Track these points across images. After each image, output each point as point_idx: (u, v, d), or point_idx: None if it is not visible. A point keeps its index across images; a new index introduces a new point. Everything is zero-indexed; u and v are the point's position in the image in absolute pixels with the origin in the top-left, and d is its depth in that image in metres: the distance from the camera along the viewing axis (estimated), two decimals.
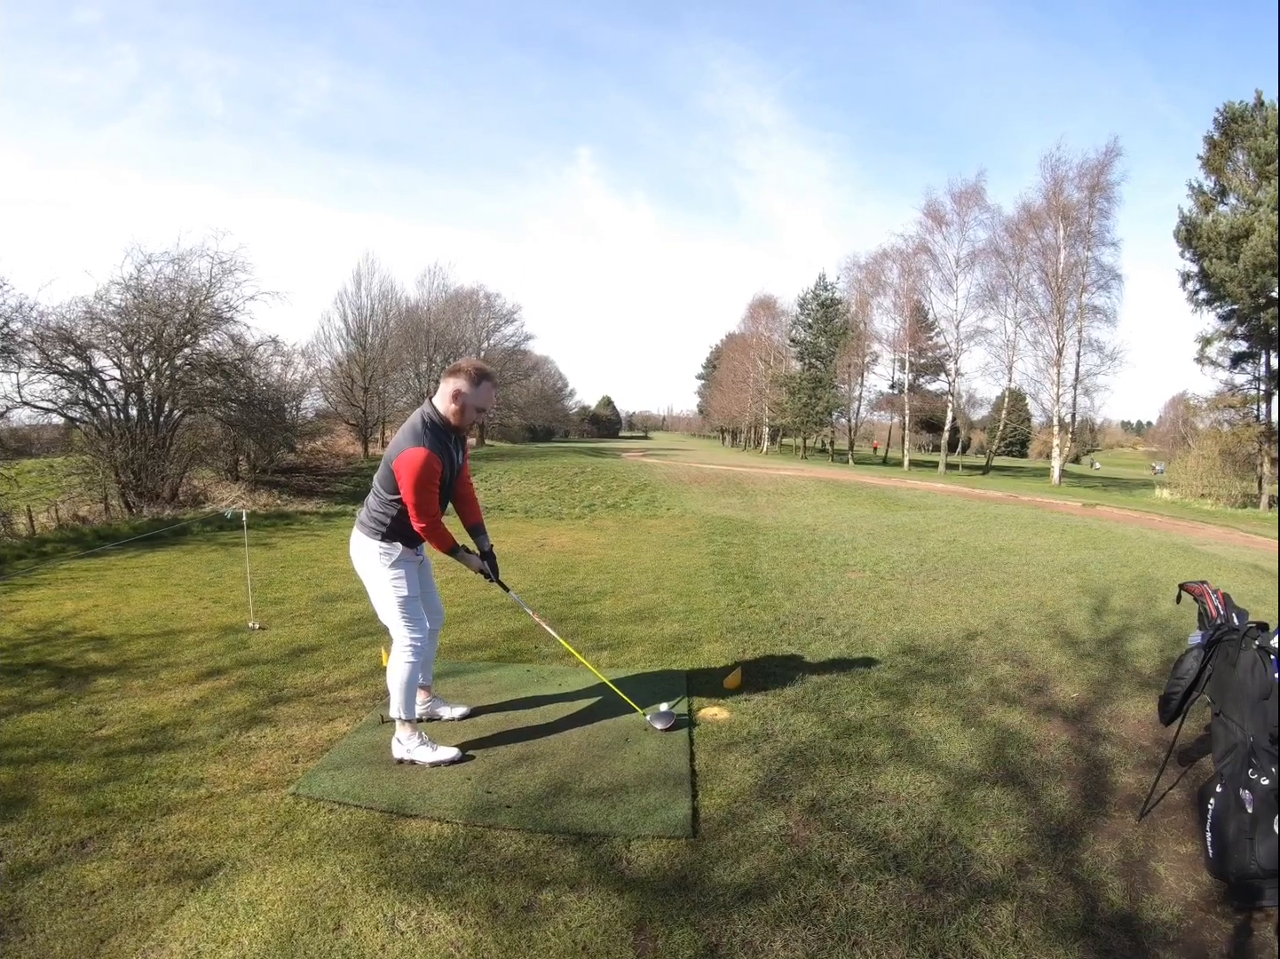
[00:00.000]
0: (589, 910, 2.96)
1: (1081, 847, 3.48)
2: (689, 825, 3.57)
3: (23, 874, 3.18)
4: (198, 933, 2.83)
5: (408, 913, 2.94)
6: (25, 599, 8.06)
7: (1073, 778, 4.15)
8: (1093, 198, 38.52)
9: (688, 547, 12.04)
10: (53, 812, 3.68)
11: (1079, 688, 5.52)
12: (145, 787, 3.93)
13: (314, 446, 33.51)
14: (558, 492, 22.39)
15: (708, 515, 16.82)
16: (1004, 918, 2.95)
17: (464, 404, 4.23)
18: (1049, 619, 7.32)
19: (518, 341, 58.10)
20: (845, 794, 3.90)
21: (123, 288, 19.29)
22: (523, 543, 12.47)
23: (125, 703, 5.10)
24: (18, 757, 4.27)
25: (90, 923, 2.88)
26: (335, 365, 42.04)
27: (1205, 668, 3.82)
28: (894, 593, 8.39)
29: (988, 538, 12.98)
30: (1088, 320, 39.60)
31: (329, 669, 5.77)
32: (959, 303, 45.96)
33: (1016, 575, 9.46)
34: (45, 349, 17.70)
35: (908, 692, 5.36)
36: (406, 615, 4.37)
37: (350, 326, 42.71)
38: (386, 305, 44.73)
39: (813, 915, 2.95)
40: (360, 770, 4.10)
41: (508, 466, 27.89)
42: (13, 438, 19.90)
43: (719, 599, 8.03)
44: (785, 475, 30.02)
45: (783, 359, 63.85)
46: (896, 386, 52.75)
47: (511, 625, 6.96)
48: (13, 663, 5.91)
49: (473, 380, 4.21)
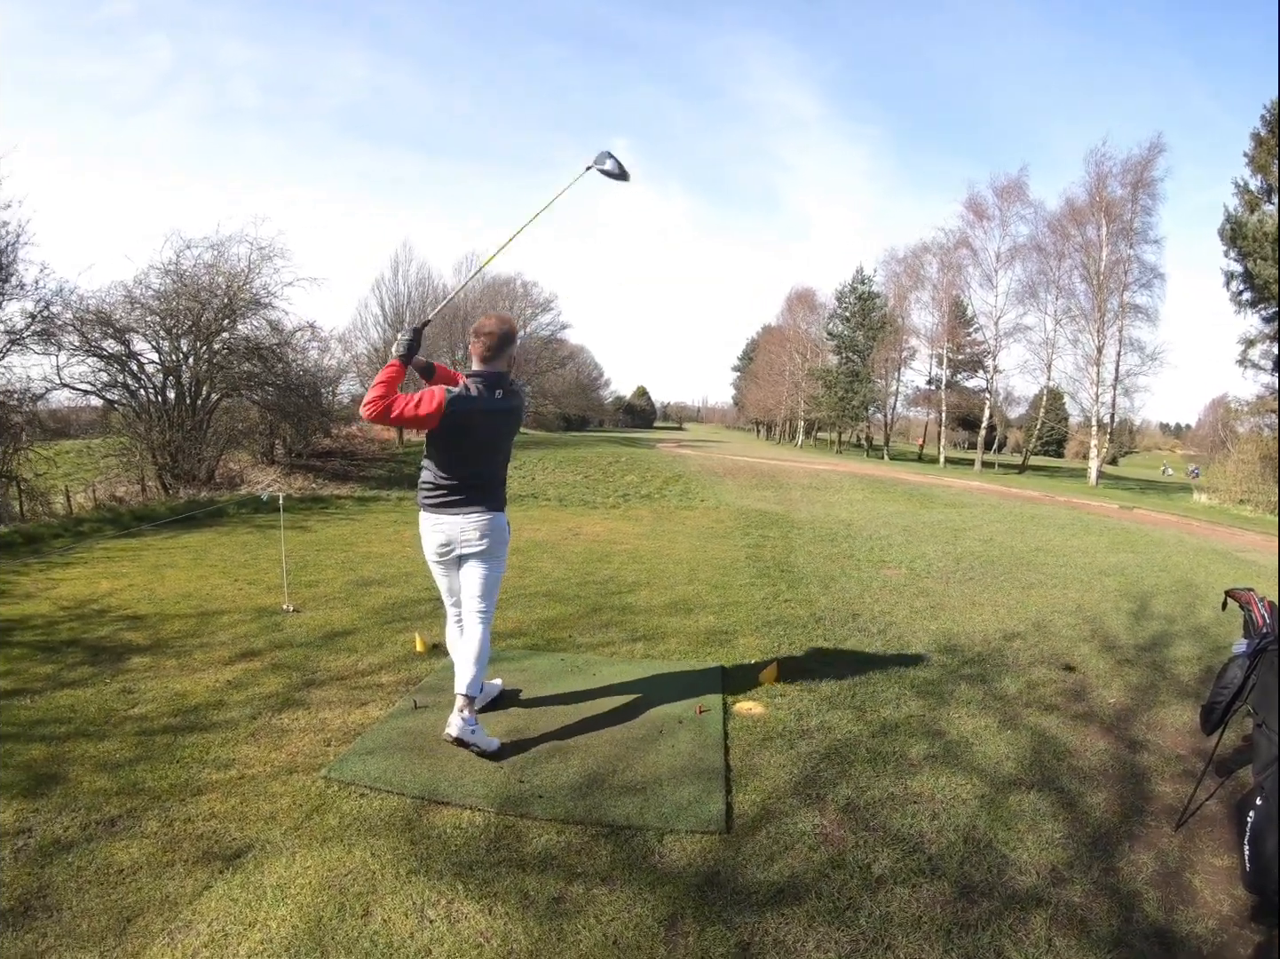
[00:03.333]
0: (620, 904, 2.94)
1: (1117, 856, 3.42)
2: (723, 821, 3.53)
3: (51, 851, 3.19)
4: (225, 915, 2.82)
5: (437, 901, 2.92)
6: (62, 578, 8.13)
7: (1110, 785, 4.08)
8: (1136, 194, 37.86)
9: (723, 539, 11.99)
10: (83, 789, 3.70)
11: (1117, 694, 5.44)
12: (176, 766, 3.94)
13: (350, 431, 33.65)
14: (592, 481, 22.38)
15: (742, 508, 16.74)
16: (1038, 926, 2.90)
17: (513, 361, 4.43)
18: (1087, 623, 7.23)
19: (554, 330, 58.33)
20: (881, 794, 3.85)
21: (162, 273, 19.50)
22: (557, 531, 12.45)
23: (158, 682, 5.12)
24: (50, 733, 4.29)
25: (117, 902, 2.88)
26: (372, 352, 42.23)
27: (1249, 678, 3.75)
28: (930, 591, 8.32)
29: (1024, 538, 12.86)
30: (1129, 319, 38.95)
31: (362, 653, 5.78)
32: (998, 299, 45.39)
33: (1054, 577, 9.36)
34: (85, 332, 17.91)
35: (944, 692, 5.30)
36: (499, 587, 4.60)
37: (387, 313, 42.99)
38: (424, 293, 44.94)
39: (846, 917, 2.91)
40: (392, 756, 4.09)
41: (542, 454, 27.91)
42: (52, 419, 20.14)
43: (754, 593, 7.99)
44: (820, 469, 29.93)
45: (819, 352, 63.54)
46: (934, 382, 52.29)
47: (546, 614, 6.95)
48: (48, 640, 5.95)
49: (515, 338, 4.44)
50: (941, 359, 50.04)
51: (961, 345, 50.26)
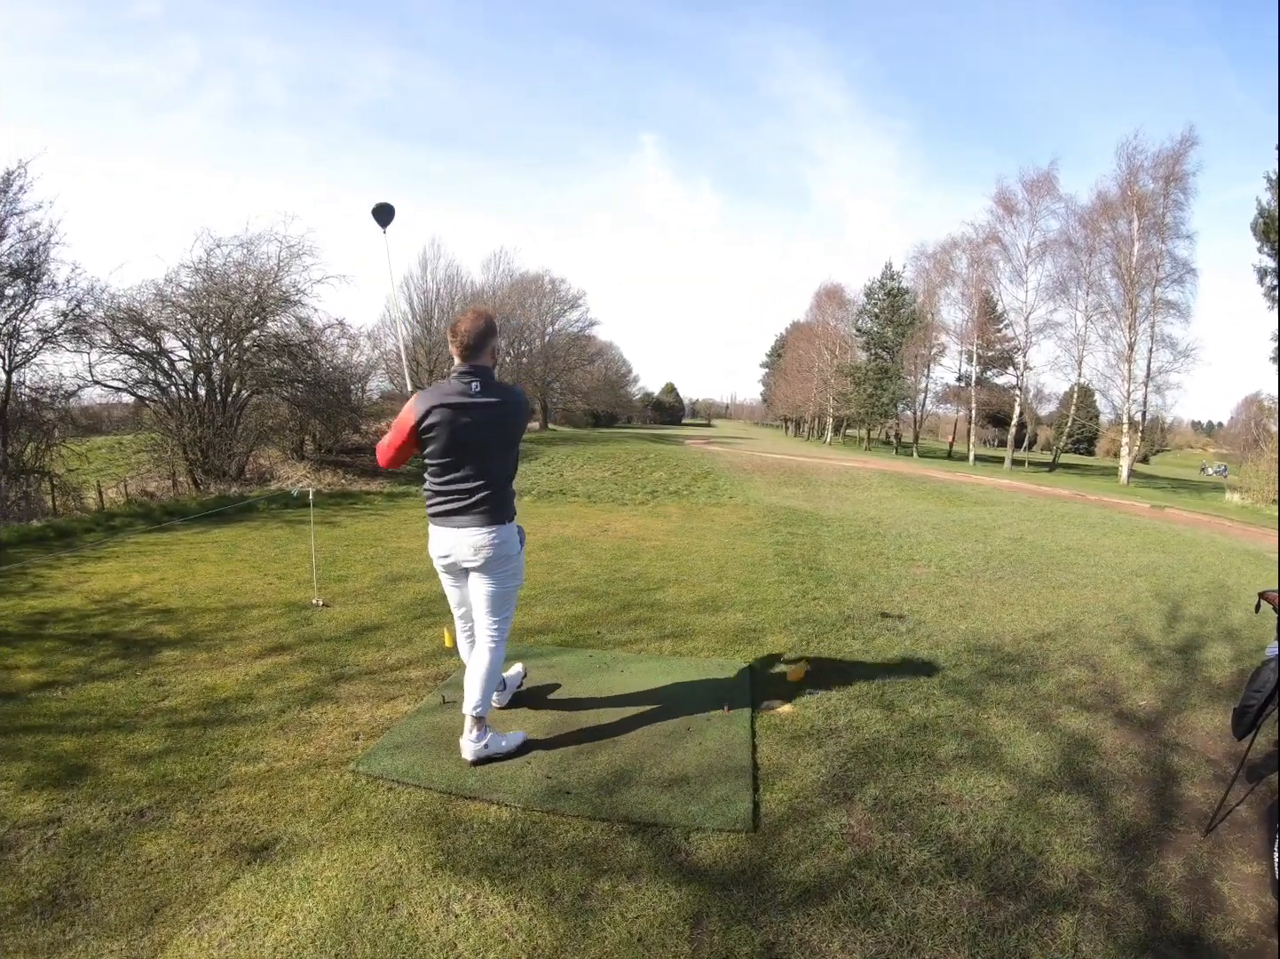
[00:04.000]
0: (646, 902, 2.94)
1: (1146, 860, 3.39)
2: (750, 820, 3.53)
3: (81, 841, 3.24)
4: (252, 907, 2.86)
5: (463, 895, 2.94)
6: (93, 571, 8.23)
7: (1139, 788, 4.04)
8: (1167, 188, 37.36)
9: (751, 536, 11.96)
10: (113, 780, 3.76)
11: (1149, 696, 5.39)
12: (206, 759, 3.99)
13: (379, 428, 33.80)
14: (620, 477, 22.37)
15: (771, 505, 16.70)
16: (1065, 930, 2.88)
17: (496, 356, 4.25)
18: (1119, 623, 7.17)
19: (582, 327, 58.23)
20: (909, 794, 3.83)
21: (192, 271, 19.65)
22: (586, 527, 12.48)
23: (189, 675, 5.18)
24: (81, 725, 4.35)
25: (145, 892, 2.93)
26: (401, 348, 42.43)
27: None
28: (959, 590, 8.28)
29: (1055, 537, 12.77)
30: (1160, 315, 38.49)
31: (391, 648, 5.82)
32: (1029, 294, 45.02)
33: (1085, 577, 9.28)
34: (116, 330, 18.09)
35: (974, 691, 5.27)
36: (514, 604, 4.34)
37: (416, 310, 43.17)
38: (452, 289, 45.12)
39: (872, 918, 2.90)
40: (420, 750, 4.11)
41: (570, 451, 27.94)
42: (84, 416, 20.32)
43: (783, 590, 7.96)
44: (849, 467, 29.82)
45: (848, 349, 63.34)
46: (963, 379, 51.98)
47: (575, 610, 6.97)
48: (80, 633, 6.03)
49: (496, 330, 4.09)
50: (971, 355, 49.73)
51: (991, 342, 49.90)
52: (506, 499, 4.07)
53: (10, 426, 16.14)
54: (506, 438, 4.02)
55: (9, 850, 3.17)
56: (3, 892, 2.90)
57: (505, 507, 4.05)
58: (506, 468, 4.08)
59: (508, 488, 4.10)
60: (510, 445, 4.06)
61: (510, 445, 4.06)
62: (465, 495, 3.94)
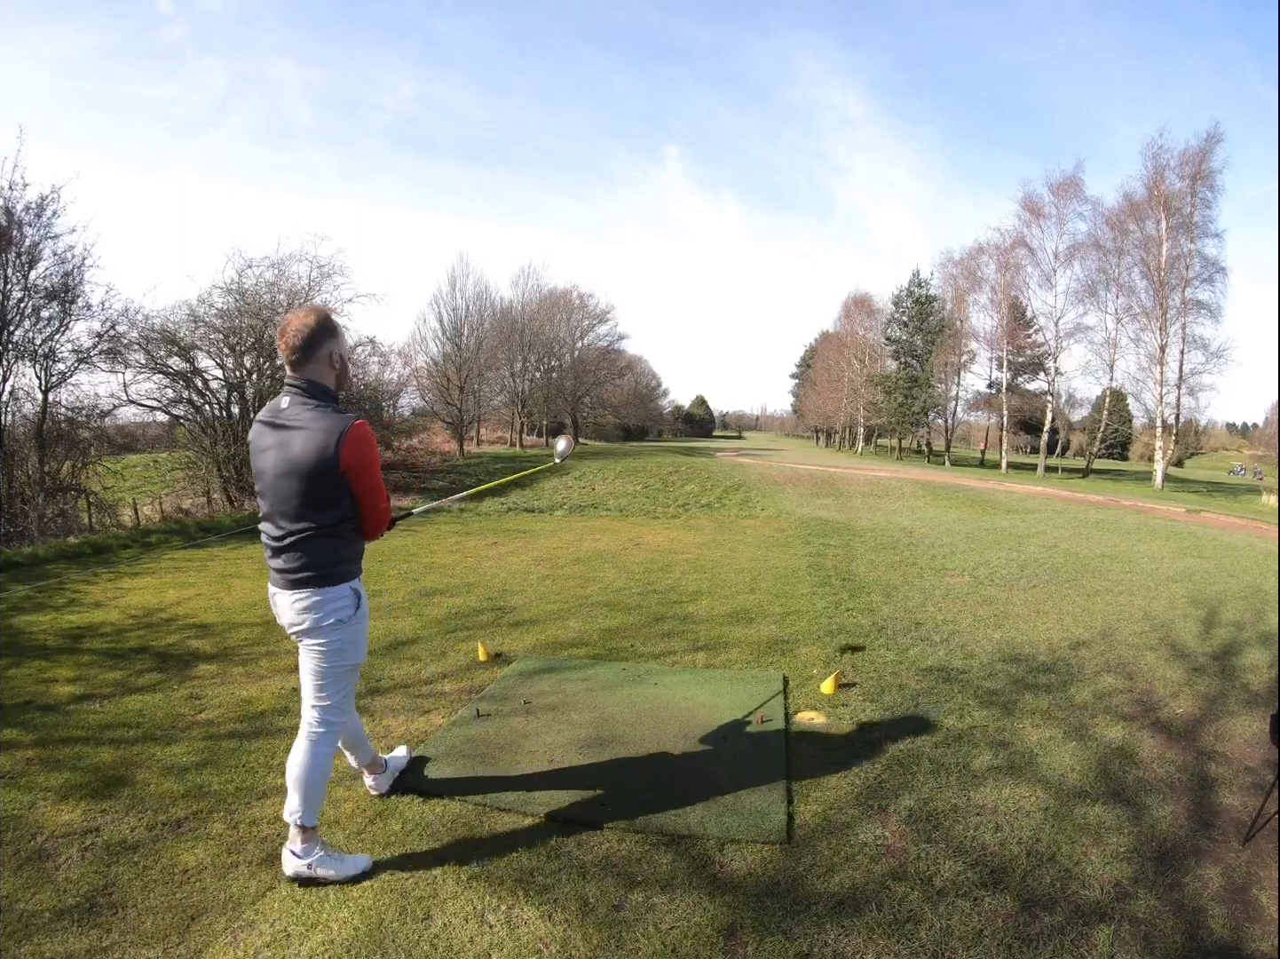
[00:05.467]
0: (680, 913, 2.95)
1: (1183, 870, 3.36)
2: (784, 831, 3.53)
3: (118, 851, 3.31)
4: (287, 916, 2.91)
5: (497, 906, 2.97)
6: (130, 587, 8.34)
7: (1176, 798, 4.01)
8: (1195, 187, 36.91)
9: (783, 548, 11.95)
10: (150, 791, 3.83)
11: (1186, 703, 5.34)
12: (242, 771, 4.05)
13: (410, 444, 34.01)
14: (652, 491, 22.44)
15: (803, 516, 16.69)
16: (1101, 941, 2.86)
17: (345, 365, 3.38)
18: (1155, 630, 7.10)
19: (611, 341, 58.59)
20: (943, 806, 3.82)
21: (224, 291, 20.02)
22: (618, 541, 12.50)
23: (225, 689, 5.26)
24: (119, 737, 4.43)
25: (182, 901, 2.98)
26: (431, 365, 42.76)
27: None
28: (994, 599, 8.24)
29: (1089, 544, 12.66)
30: (1191, 316, 38.01)
31: (425, 662, 5.86)
32: (1058, 299, 44.72)
33: (1120, 584, 9.21)
34: (150, 350, 18.44)
35: (1009, 701, 5.25)
36: (346, 687, 3.40)
37: (446, 327, 43.51)
38: (481, 306, 45.48)
39: (906, 930, 2.90)
40: (454, 763, 4.15)
41: (601, 465, 28.06)
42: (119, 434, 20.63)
43: (816, 602, 7.96)
44: (880, 477, 29.76)
45: (878, 358, 63.16)
46: (994, 386, 51.70)
47: (608, 623, 6.99)
48: (117, 648, 6.12)
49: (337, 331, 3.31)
50: (1001, 362, 49.46)
51: (1022, 347, 49.59)
52: (322, 553, 3.16)
53: (47, 445, 16.42)
54: (293, 473, 3.05)
55: (47, 859, 3.24)
56: (41, 899, 2.97)
57: (319, 564, 3.16)
58: (322, 513, 3.12)
59: (326, 540, 3.16)
60: (303, 483, 3.06)
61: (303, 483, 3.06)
62: (271, 543, 3.19)
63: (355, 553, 3.32)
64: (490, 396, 49.09)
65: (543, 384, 52.33)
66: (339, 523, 3.17)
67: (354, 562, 3.32)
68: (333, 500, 3.12)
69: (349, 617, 3.25)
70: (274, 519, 3.16)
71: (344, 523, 3.19)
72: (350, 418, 3.12)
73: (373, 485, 3.21)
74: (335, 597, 3.19)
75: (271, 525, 3.18)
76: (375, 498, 3.25)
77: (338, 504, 3.14)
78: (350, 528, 3.24)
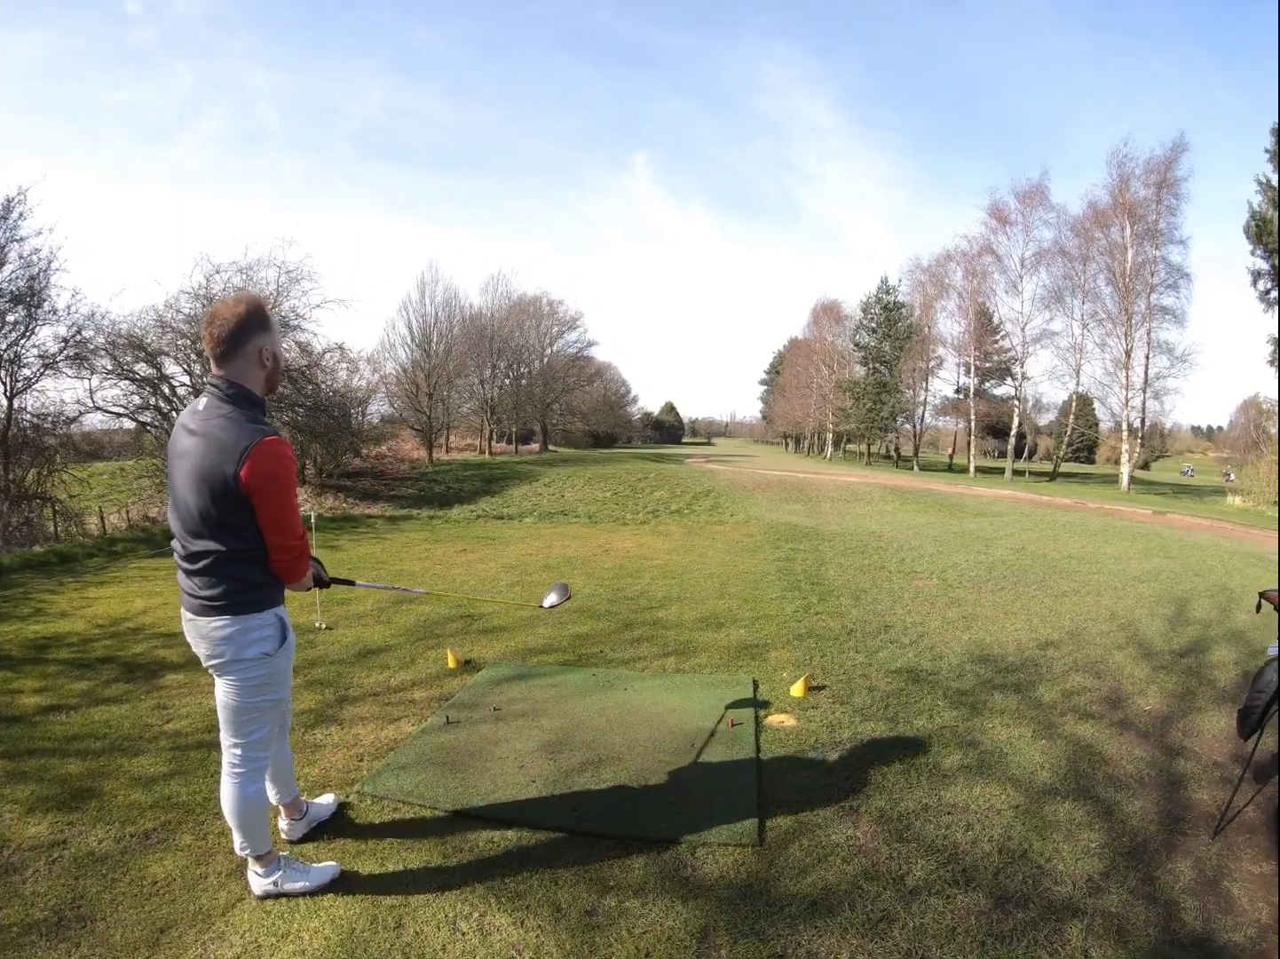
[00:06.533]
0: (653, 917, 2.94)
1: (1154, 864, 3.39)
2: (755, 834, 3.53)
3: (87, 863, 3.25)
4: (258, 927, 2.87)
5: (470, 914, 2.94)
6: (96, 596, 8.24)
7: (1146, 793, 4.04)
8: (1160, 194, 37.46)
9: (753, 553, 11.98)
10: (118, 803, 3.77)
11: (1154, 700, 5.39)
12: (210, 781, 3.98)
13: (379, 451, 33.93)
14: (621, 497, 22.44)
15: (772, 522, 16.74)
16: (1074, 937, 2.88)
17: (277, 363, 3.01)
18: (1122, 629, 7.17)
19: (580, 348, 58.60)
20: (914, 805, 3.83)
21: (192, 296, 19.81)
22: (587, 548, 12.48)
23: (193, 698, 5.19)
24: (86, 748, 4.36)
25: (151, 913, 2.93)
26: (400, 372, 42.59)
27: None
28: (962, 601, 8.29)
29: (1057, 545, 12.77)
30: (1156, 321, 38.51)
31: (395, 670, 5.81)
32: (1024, 305, 45.13)
33: (1087, 584, 9.29)
34: (117, 356, 18.22)
35: (978, 702, 5.27)
36: (269, 723, 3.15)
37: (415, 334, 43.32)
38: (450, 313, 45.31)
39: (880, 929, 2.90)
40: (424, 771, 4.11)
41: (571, 472, 28.02)
42: (85, 441, 20.41)
43: (785, 606, 7.97)
44: (849, 482, 29.87)
45: (846, 364, 63.53)
46: (962, 391, 52.11)
47: (578, 629, 6.97)
48: (83, 658, 6.04)
49: (270, 324, 2.96)
50: (969, 367, 49.85)
51: (989, 353, 50.04)
52: (238, 579, 2.84)
53: (12, 452, 16.21)
54: (198, 489, 2.72)
55: (15, 873, 3.18)
56: (9, 913, 2.91)
57: (235, 589, 2.84)
58: (230, 536, 2.78)
59: (239, 565, 2.83)
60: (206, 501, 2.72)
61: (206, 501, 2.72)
62: (181, 563, 2.90)
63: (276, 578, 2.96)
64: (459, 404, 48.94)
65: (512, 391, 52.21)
66: (249, 549, 2.82)
67: (277, 588, 3.00)
68: (239, 524, 2.76)
69: (274, 648, 2.98)
70: (183, 536, 2.83)
71: (255, 550, 2.83)
72: (261, 430, 2.75)
73: (279, 517, 2.80)
74: (257, 625, 2.90)
75: (180, 543, 2.87)
76: (282, 533, 2.83)
77: (245, 529, 2.78)
78: (264, 555, 2.87)
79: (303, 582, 3.07)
